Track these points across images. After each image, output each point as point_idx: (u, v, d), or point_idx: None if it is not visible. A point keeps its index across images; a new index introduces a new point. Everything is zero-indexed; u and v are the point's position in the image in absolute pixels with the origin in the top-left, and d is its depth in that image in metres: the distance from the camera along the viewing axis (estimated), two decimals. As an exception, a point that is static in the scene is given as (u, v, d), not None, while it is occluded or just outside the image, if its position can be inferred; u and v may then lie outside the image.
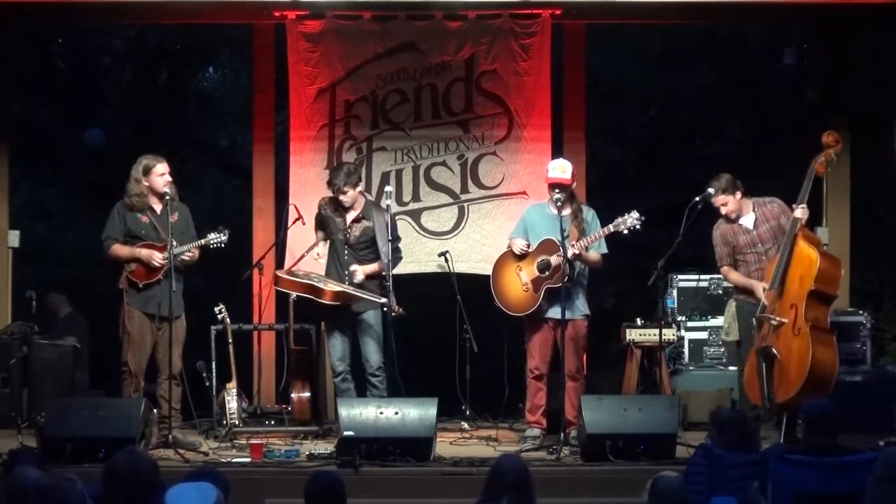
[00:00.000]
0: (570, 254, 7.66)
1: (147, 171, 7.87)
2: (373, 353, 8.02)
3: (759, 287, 7.55)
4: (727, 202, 7.79)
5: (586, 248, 7.81)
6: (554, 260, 7.76)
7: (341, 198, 8.01)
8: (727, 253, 7.88)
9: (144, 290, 7.78)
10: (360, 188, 8.14)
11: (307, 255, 8.36)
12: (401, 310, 7.81)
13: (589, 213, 7.99)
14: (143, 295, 7.79)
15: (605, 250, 7.96)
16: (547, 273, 7.81)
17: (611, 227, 7.77)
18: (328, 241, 8.19)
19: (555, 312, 7.79)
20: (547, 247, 7.84)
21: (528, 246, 7.91)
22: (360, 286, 7.96)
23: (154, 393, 7.88)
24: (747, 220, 7.81)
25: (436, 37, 9.26)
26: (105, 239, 7.87)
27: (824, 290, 7.36)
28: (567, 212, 7.83)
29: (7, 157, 9.52)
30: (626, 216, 7.74)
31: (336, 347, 8.11)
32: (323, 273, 8.19)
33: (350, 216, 8.09)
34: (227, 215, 12.84)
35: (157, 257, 7.73)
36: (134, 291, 7.79)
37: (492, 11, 9.17)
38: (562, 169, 7.91)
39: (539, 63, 9.22)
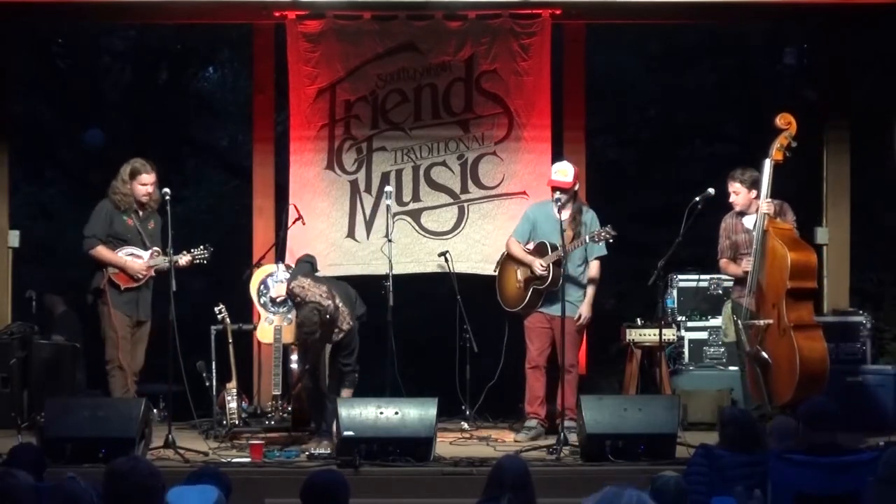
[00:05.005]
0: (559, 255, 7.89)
1: (133, 176, 7.97)
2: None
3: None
4: (739, 192, 7.71)
5: (585, 254, 8.06)
6: (538, 265, 7.99)
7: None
8: (727, 246, 7.83)
9: (124, 293, 7.92)
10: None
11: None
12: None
13: (588, 215, 8.14)
14: (122, 297, 7.93)
15: (604, 252, 8.11)
16: (535, 274, 8.05)
17: (586, 239, 7.96)
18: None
19: (555, 310, 7.92)
20: (539, 250, 8.08)
21: (546, 268, 8.01)
22: None
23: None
24: (749, 221, 7.76)
25: (436, 37, 9.26)
26: (90, 237, 7.95)
27: (800, 286, 7.30)
28: (567, 213, 7.91)
29: (7, 157, 9.51)
30: (601, 229, 7.96)
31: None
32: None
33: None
34: (227, 215, 12.88)
35: (141, 269, 7.86)
36: (115, 292, 7.91)
37: (492, 11, 9.17)
38: (563, 172, 8.05)
39: (539, 63, 9.22)
